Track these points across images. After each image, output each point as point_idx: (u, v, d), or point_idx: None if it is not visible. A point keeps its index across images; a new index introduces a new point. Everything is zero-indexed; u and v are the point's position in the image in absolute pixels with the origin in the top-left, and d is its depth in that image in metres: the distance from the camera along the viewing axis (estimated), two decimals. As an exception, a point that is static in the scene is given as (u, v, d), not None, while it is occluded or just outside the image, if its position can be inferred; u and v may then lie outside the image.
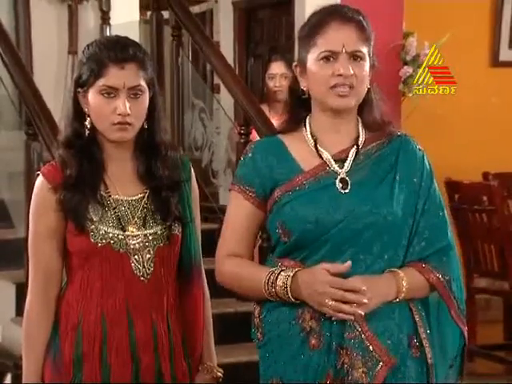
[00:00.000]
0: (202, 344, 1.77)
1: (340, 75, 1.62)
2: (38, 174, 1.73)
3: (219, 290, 1.89)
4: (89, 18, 4.89)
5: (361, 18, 1.67)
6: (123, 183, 1.72)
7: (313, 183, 1.65)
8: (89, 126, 1.69)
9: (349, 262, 1.57)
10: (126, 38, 1.72)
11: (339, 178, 1.65)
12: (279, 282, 1.60)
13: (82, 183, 1.67)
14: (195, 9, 5.48)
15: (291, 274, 1.60)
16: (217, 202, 4.01)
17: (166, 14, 4.26)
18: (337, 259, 1.60)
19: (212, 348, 1.82)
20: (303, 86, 1.68)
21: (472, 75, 4.07)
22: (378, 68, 1.70)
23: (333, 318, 1.58)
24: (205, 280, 1.82)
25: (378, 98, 1.71)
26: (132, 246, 1.68)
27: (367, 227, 1.61)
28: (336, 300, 1.55)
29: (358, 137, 1.69)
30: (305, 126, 1.70)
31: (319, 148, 1.67)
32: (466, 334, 1.69)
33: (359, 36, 1.64)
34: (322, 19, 1.65)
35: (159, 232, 1.71)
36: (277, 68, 3.82)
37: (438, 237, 1.68)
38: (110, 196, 1.70)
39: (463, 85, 4.36)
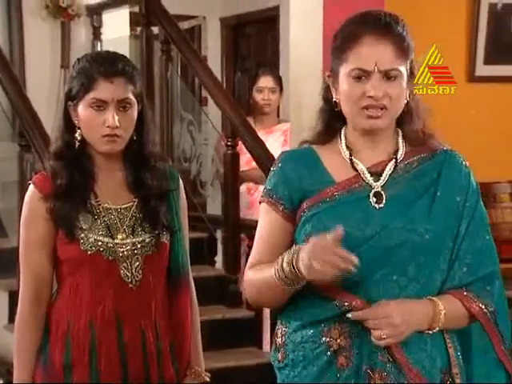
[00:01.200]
0: (189, 349, 1.77)
1: (371, 97, 1.44)
2: (30, 184, 1.73)
3: (207, 297, 1.89)
4: (81, 34, 4.89)
5: (399, 28, 1.47)
6: (113, 192, 1.72)
7: (345, 195, 1.48)
8: (79, 138, 1.70)
9: (339, 230, 1.37)
10: (115, 53, 1.73)
11: (374, 191, 1.48)
12: (286, 260, 1.44)
13: (72, 192, 1.68)
14: (184, 25, 5.49)
15: (294, 252, 1.44)
16: (205, 211, 4.01)
17: (155, 30, 4.27)
18: (368, 279, 1.43)
19: (200, 353, 1.82)
20: (336, 98, 1.52)
21: (450, 90, 4.11)
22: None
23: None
24: (192, 287, 1.82)
25: (419, 109, 1.52)
26: (121, 254, 1.68)
27: (401, 245, 1.43)
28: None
29: (397, 150, 1.52)
30: (340, 137, 1.55)
31: (354, 159, 1.51)
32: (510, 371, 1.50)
33: (395, 52, 1.45)
34: (354, 31, 1.47)
35: (147, 240, 1.71)
36: (265, 82, 3.83)
37: (482, 263, 1.48)
38: (99, 205, 1.70)
39: (442, 99, 4.40)
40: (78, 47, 4.76)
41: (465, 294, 1.46)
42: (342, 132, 1.55)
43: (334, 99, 1.52)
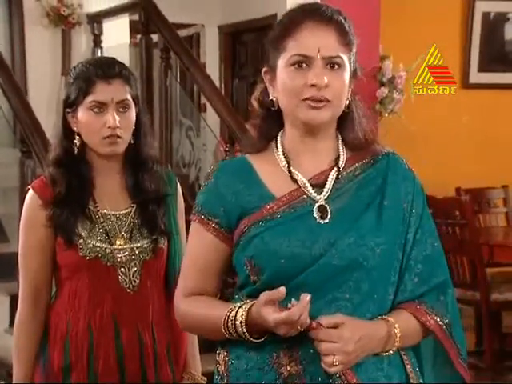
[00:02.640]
0: (186, 352, 1.77)
1: (313, 85, 1.29)
2: (29, 189, 1.72)
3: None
4: (81, 41, 4.90)
5: (341, 18, 1.34)
6: (111, 197, 1.72)
7: (286, 212, 1.32)
8: (78, 145, 1.69)
9: (307, 296, 1.23)
10: (111, 58, 1.74)
11: (317, 205, 1.33)
12: (238, 317, 1.28)
13: (71, 199, 1.67)
14: (183, 32, 5.49)
15: (247, 308, 1.28)
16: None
17: (155, 38, 4.27)
18: (319, 300, 1.28)
19: (196, 356, 1.81)
20: (272, 96, 1.35)
21: (444, 96, 4.12)
22: (359, 80, 1.39)
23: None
24: None
25: (360, 113, 1.39)
26: (119, 259, 1.67)
27: (352, 262, 1.29)
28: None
29: (338, 157, 1.37)
30: (276, 144, 1.38)
31: (293, 171, 1.35)
32: (467, 382, 1.39)
33: (339, 40, 1.31)
34: (295, 18, 1.33)
35: (145, 245, 1.70)
36: (263, 88, 3.83)
37: (434, 271, 1.36)
38: (98, 211, 1.70)
39: (436, 105, 4.41)
40: (79, 55, 4.76)
41: (418, 307, 1.33)
42: (279, 138, 1.38)
43: (270, 98, 1.35)
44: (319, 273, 1.29)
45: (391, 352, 1.32)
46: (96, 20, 4.84)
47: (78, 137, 1.69)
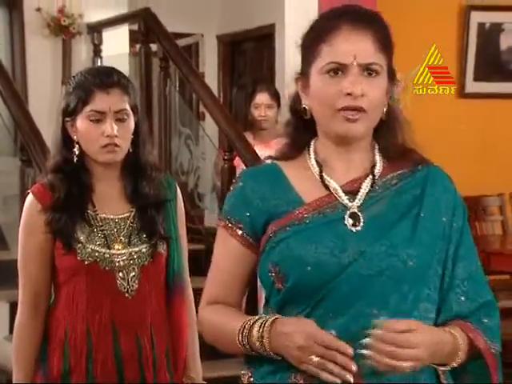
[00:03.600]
0: (185, 357, 1.77)
1: (349, 94, 1.21)
2: (29, 193, 1.72)
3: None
4: (81, 51, 4.91)
5: (380, 21, 1.26)
6: (110, 202, 1.72)
7: (316, 218, 1.25)
8: (77, 153, 1.69)
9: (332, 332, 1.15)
10: (109, 67, 1.75)
11: (349, 212, 1.25)
12: (254, 332, 1.20)
13: (70, 204, 1.67)
14: (182, 42, 5.51)
15: (269, 321, 1.20)
16: (202, 223, 4.01)
17: (154, 47, 4.29)
18: (344, 314, 1.20)
19: (197, 361, 1.81)
20: (304, 104, 1.28)
21: (441, 105, 4.13)
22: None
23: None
24: (190, 295, 1.81)
25: (399, 120, 1.31)
26: (117, 264, 1.68)
27: (381, 273, 1.20)
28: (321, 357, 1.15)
29: (373, 166, 1.29)
30: (309, 151, 1.31)
31: (325, 177, 1.28)
32: None
33: (376, 45, 1.23)
34: (328, 22, 1.25)
35: (144, 250, 1.70)
36: (262, 98, 3.85)
37: (479, 290, 1.27)
38: (97, 215, 1.70)
39: (433, 114, 4.42)
40: (79, 64, 4.77)
41: (472, 327, 1.23)
42: (311, 145, 1.32)
43: (302, 106, 1.29)
44: (346, 283, 1.20)
45: (453, 365, 1.21)
46: (96, 30, 4.85)
47: (77, 145, 1.69)
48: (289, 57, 3.49)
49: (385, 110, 1.28)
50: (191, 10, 5.68)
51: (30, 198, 1.71)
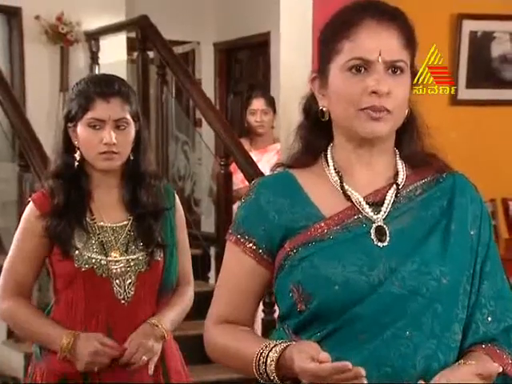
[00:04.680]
0: (180, 361, 1.76)
1: (373, 93, 1.11)
2: (29, 201, 1.73)
3: (201, 311, 1.87)
4: (79, 58, 4.91)
5: (405, 17, 1.16)
6: (108, 210, 1.71)
7: (339, 233, 1.14)
8: (78, 158, 1.69)
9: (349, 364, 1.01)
10: (112, 75, 1.74)
11: (375, 226, 1.14)
12: (268, 361, 1.09)
13: (68, 211, 1.67)
14: (179, 49, 5.52)
15: (283, 346, 1.09)
16: (199, 228, 4.00)
17: (151, 54, 4.29)
18: (375, 338, 1.09)
19: (167, 317, 1.70)
20: (322, 105, 1.17)
21: (433, 112, 4.15)
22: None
23: None
24: (191, 295, 1.80)
25: (421, 124, 1.21)
26: (114, 271, 1.67)
27: (415, 292, 1.10)
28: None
29: (396, 174, 1.19)
30: (326, 158, 1.20)
31: (346, 187, 1.16)
32: None
33: (401, 41, 1.13)
34: (351, 17, 1.14)
35: (141, 258, 1.70)
36: (258, 104, 3.85)
37: (507, 311, 1.17)
38: (95, 223, 1.70)
39: (426, 121, 4.41)
40: (77, 71, 4.77)
41: (497, 351, 1.14)
42: (328, 152, 1.20)
43: (320, 107, 1.18)
44: (377, 303, 1.10)
45: None
46: (94, 37, 4.86)
47: (78, 151, 1.69)
48: (284, 64, 3.49)
49: (406, 111, 1.17)
50: (188, 18, 5.69)
51: (29, 205, 1.72)
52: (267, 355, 1.09)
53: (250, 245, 1.17)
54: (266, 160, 3.73)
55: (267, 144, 3.87)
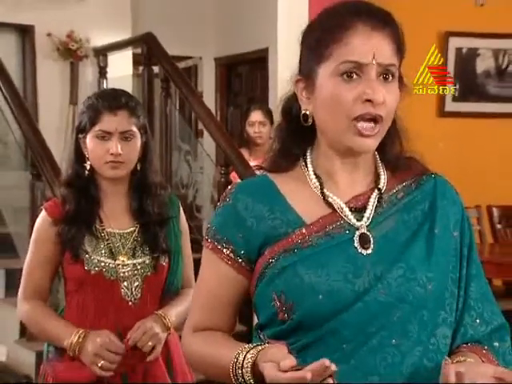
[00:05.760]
0: (183, 368, 1.77)
1: (368, 101, 1.01)
2: (42, 209, 1.74)
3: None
4: (88, 73, 4.93)
5: (395, 23, 1.07)
6: (117, 217, 1.73)
7: (322, 239, 1.05)
8: (88, 168, 1.71)
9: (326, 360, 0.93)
10: (119, 90, 1.76)
11: (358, 233, 1.06)
12: (245, 363, 1.01)
13: (79, 218, 1.68)
14: (182, 64, 5.53)
15: (255, 352, 1.01)
16: (200, 234, 4.01)
17: (156, 69, 4.30)
18: (361, 347, 1.01)
19: (172, 310, 1.70)
20: (306, 108, 1.07)
21: (422, 124, 4.17)
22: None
23: None
24: (190, 297, 1.80)
25: (401, 128, 1.13)
26: (122, 274, 1.68)
27: (401, 300, 1.03)
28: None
29: (377, 178, 1.11)
30: (305, 162, 1.11)
31: (327, 193, 1.08)
32: None
33: (392, 46, 1.05)
34: (343, 20, 1.04)
35: (147, 262, 1.71)
36: (256, 116, 3.86)
37: (492, 312, 1.11)
38: (103, 229, 1.71)
39: (414, 132, 4.44)
40: (86, 85, 4.79)
41: (484, 352, 1.08)
42: (308, 155, 1.11)
43: (302, 111, 1.07)
44: (363, 312, 1.02)
45: None
46: (102, 53, 4.87)
47: (88, 161, 1.71)
48: (281, 78, 3.51)
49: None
50: (191, 34, 5.71)
51: (42, 213, 1.73)
52: (243, 360, 1.01)
53: (228, 252, 1.08)
54: (256, 164, 3.74)
55: (265, 154, 3.87)
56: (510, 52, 3.84)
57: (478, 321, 1.10)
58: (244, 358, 1.01)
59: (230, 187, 1.12)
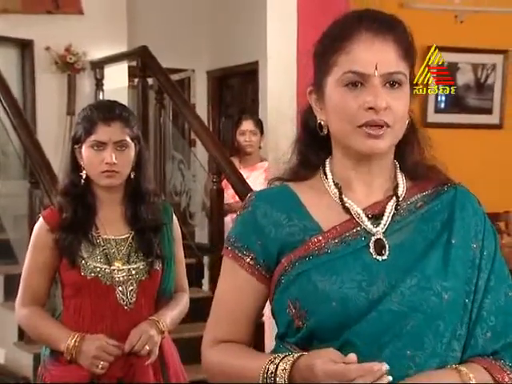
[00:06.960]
0: (178, 363, 1.76)
1: (371, 108, 0.98)
2: (39, 217, 1.74)
3: (195, 315, 1.87)
4: (85, 85, 4.92)
5: (402, 26, 1.03)
6: (112, 224, 1.72)
7: (338, 247, 1.02)
8: (84, 177, 1.70)
9: (383, 366, 0.92)
10: (114, 101, 1.76)
11: (374, 239, 1.03)
12: (279, 372, 0.97)
13: (75, 225, 1.68)
14: (175, 76, 5.54)
15: (292, 360, 0.98)
16: (193, 239, 4.00)
17: (150, 81, 4.31)
18: (374, 356, 0.96)
19: (166, 314, 1.70)
20: (320, 119, 1.05)
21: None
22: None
23: None
24: (186, 301, 1.80)
25: (420, 136, 1.08)
26: (117, 279, 1.68)
27: (416, 309, 0.98)
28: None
29: (396, 186, 1.07)
30: (324, 171, 1.08)
31: (345, 200, 1.05)
32: None
33: (398, 53, 1.00)
34: (347, 29, 1.01)
35: (142, 267, 1.71)
36: (247, 125, 3.87)
37: (509, 325, 1.05)
38: (99, 236, 1.71)
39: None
40: (83, 97, 4.79)
41: (492, 362, 1.02)
42: (327, 165, 1.08)
43: (318, 121, 1.05)
44: (376, 321, 0.97)
45: None
46: (98, 66, 4.87)
47: (84, 170, 1.71)
48: (271, 90, 3.53)
49: (407, 123, 1.04)
50: (184, 48, 5.72)
51: (40, 220, 1.73)
52: (276, 367, 0.97)
53: (248, 260, 1.05)
54: (254, 177, 3.74)
55: (255, 162, 3.88)
56: (487, 66, 3.87)
57: (488, 334, 1.03)
58: (277, 367, 0.97)
59: (249, 195, 1.09)
